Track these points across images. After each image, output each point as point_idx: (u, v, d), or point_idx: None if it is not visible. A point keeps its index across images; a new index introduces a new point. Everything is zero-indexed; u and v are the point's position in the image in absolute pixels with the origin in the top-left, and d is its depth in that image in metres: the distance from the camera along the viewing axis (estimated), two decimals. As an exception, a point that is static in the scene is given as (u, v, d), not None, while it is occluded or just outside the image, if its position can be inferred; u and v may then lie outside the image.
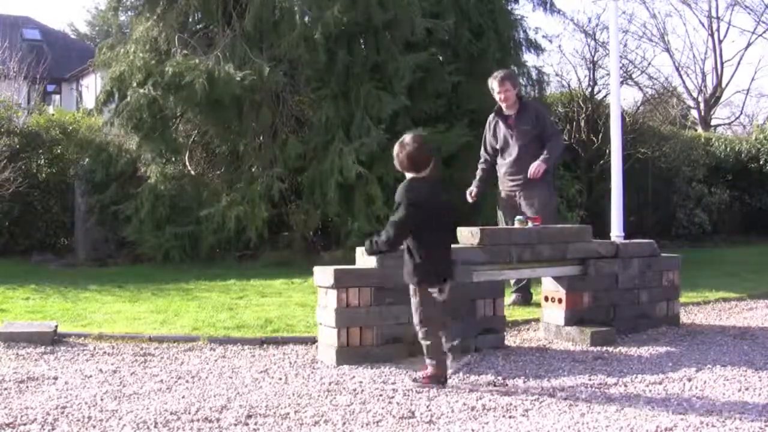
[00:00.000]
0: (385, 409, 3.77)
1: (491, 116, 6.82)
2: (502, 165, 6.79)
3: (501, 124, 6.72)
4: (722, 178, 15.09)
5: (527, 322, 6.10)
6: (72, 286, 7.92)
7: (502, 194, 6.86)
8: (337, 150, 9.76)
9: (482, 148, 6.96)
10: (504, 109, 6.65)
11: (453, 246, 5.18)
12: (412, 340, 4.86)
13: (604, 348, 5.21)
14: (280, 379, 4.38)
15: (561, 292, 5.58)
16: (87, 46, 33.36)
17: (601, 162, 12.71)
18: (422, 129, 10.03)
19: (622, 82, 15.03)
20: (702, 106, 20.73)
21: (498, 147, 6.79)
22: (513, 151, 6.64)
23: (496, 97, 6.63)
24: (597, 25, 15.03)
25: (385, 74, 10.12)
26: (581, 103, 13.58)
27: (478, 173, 6.99)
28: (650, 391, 4.14)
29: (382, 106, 9.78)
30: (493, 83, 6.61)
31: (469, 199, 6.82)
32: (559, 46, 32.00)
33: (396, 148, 4.26)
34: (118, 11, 11.80)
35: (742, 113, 22.98)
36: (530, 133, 6.58)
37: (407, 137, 4.29)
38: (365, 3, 9.92)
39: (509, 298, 6.80)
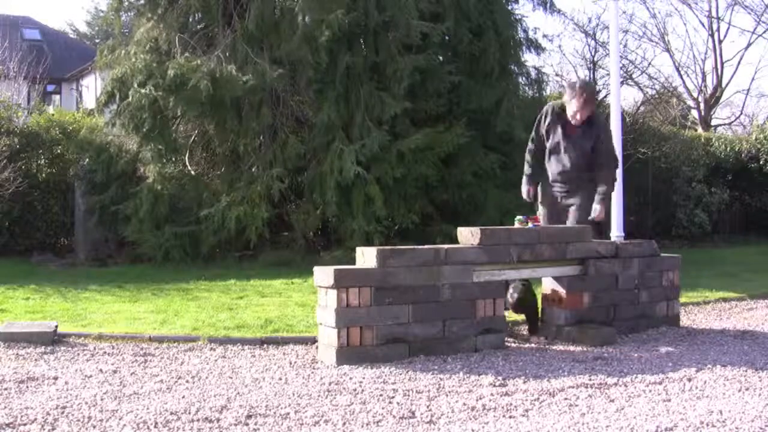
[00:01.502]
0: (385, 409, 3.77)
1: (551, 108, 6.18)
2: (550, 167, 6.24)
3: (559, 127, 6.10)
4: (722, 178, 15.09)
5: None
6: (72, 286, 7.92)
7: (549, 194, 6.29)
8: (337, 150, 9.77)
9: (532, 138, 6.31)
10: (569, 118, 6.05)
11: (452, 246, 5.21)
12: (413, 340, 4.88)
13: (604, 348, 5.22)
14: (280, 379, 4.38)
15: (561, 292, 5.58)
16: (87, 46, 33.36)
17: (602, 162, 12.69)
18: (422, 129, 10.08)
19: (622, 82, 15.08)
20: (702, 106, 20.70)
21: (547, 146, 6.23)
22: (563, 161, 6.12)
23: (571, 106, 5.93)
24: (597, 25, 15.11)
25: (385, 75, 10.13)
26: (581, 103, 13.56)
27: (527, 168, 6.34)
28: (650, 391, 4.14)
29: (383, 107, 9.79)
30: (574, 100, 5.88)
31: (529, 199, 6.35)
32: (559, 46, 32.00)
33: None
34: (120, 12, 11.80)
35: (742, 113, 22.97)
36: (586, 147, 6.05)
37: None
38: (365, 4, 9.94)
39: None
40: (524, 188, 6.33)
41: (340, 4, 9.61)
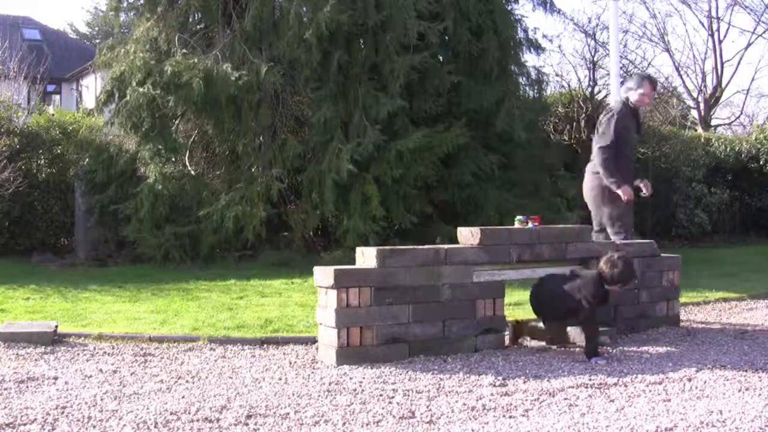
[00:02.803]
0: (385, 409, 3.77)
1: (623, 105, 6.39)
2: (623, 164, 6.38)
3: (630, 123, 6.40)
4: (722, 178, 15.08)
5: (527, 322, 6.09)
6: (72, 286, 7.92)
7: (625, 194, 6.27)
8: (336, 150, 9.76)
9: (612, 139, 6.23)
10: (638, 110, 6.49)
11: (452, 246, 5.20)
12: (413, 340, 4.88)
13: (604, 348, 5.21)
14: (280, 379, 4.39)
15: (561, 292, 5.57)
16: (87, 46, 33.36)
17: (602, 162, 12.69)
18: (421, 129, 10.07)
19: (622, 82, 15.02)
20: (702, 106, 20.70)
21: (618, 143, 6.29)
22: (629, 152, 6.47)
23: (639, 95, 6.34)
24: (597, 25, 15.09)
25: (383, 75, 10.12)
26: (581, 103, 13.59)
27: (614, 170, 6.25)
28: (650, 391, 4.14)
29: (379, 107, 9.78)
30: (646, 84, 6.37)
31: (648, 192, 6.51)
32: (559, 46, 31.97)
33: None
34: (119, 12, 11.80)
35: (742, 113, 22.98)
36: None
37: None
38: (363, 3, 9.93)
39: None
40: (627, 189, 6.24)
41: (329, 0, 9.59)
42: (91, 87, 25.44)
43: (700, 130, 19.19)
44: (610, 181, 6.19)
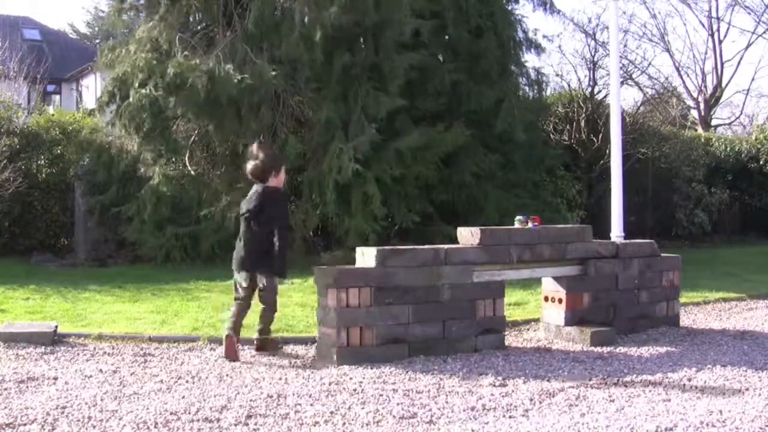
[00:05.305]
0: (385, 409, 3.77)
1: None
2: None
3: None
4: (722, 178, 15.09)
5: (527, 322, 6.11)
6: (72, 286, 7.92)
7: None
8: (336, 150, 9.76)
9: None
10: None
11: (452, 246, 5.20)
12: (413, 340, 4.88)
13: (604, 348, 5.22)
14: (280, 379, 4.39)
15: (561, 292, 5.58)
16: (87, 46, 33.32)
17: (601, 162, 12.72)
18: (421, 128, 10.06)
19: (622, 82, 15.07)
20: (702, 106, 20.69)
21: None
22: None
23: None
24: (597, 25, 15.10)
25: (383, 74, 10.12)
26: (581, 103, 13.58)
27: None
28: (650, 391, 4.14)
29: (379, 106, 9.78)
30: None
31: None
32: (559, 46, 31.94)
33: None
34: (122, 13, 11.79)
35: (742, 113, 23.00)
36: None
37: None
38: (363, 3, 9.92)
39: None
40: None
41: (335, 1, 9.58)
42: (91, 87, 25.42)
43: (700, 130, 19.19)
44: None
